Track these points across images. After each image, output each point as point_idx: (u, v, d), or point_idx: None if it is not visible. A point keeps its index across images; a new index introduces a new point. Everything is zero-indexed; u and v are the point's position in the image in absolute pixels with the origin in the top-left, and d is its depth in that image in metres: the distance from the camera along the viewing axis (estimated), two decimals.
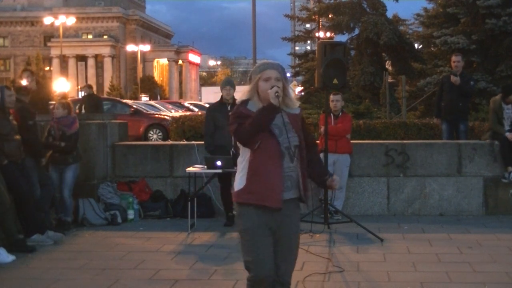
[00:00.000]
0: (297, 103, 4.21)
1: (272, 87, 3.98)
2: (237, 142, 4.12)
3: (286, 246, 4.12)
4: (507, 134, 9.41)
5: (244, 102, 4.10)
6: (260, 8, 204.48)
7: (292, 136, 4.06)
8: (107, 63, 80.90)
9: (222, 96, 8.88)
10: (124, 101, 26.18)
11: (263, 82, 4.05)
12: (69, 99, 14.48)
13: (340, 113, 9.33)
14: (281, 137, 4.02)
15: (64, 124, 8.69)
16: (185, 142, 10.72)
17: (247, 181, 4.03)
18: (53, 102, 11.96)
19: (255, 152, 4.01)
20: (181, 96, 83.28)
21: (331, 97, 9.32)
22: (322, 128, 8.80)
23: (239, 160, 4.13)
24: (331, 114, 9.22)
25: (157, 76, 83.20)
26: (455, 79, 10.44)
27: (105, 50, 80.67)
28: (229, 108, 8.75)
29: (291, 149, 4.05)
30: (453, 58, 10.84)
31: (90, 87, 16.95)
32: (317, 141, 8.94)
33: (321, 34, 28.58)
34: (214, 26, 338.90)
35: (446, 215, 9.52)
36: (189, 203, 8.57)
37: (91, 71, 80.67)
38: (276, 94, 3.93)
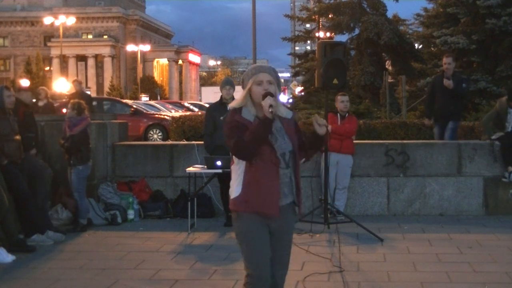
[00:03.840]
0: (284, 109, 4.11)
1: (265, 95, 3.92)
2: (236, 157, 4.04)
3: (282, 250, 4.15)
4: (494, 137, 9.49)
5: (238, 110, 4.05)
6: (264, 8, 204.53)
7: (286, 142, 4.04)
8: (107, 63, 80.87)
9: (222, 96, 8.88)
10: (124, 101, 26.15)
11: (255, 86, 4.01)
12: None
13: (347, 114, 9.36)
14: (276, 144, 3.99)
15: (68, 125, 8.70)
16: (185, 142, 10.72)
17: (243, 189, 4.00)
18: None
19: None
20: (181, 97, 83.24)
21: (340, 98, 9.32)
22: (331, 127, 8.85)
23: (234, 167, 4.08)
24: (338, 114, 9.27)
25: (157, 76, 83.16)
26: (448, 82, 10.16)
27: (105, 50, 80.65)
28: (229, 108, 8.75)
29: (285, 155, 4.03)
30: (444, 59, 10.54)
31: (80, 83, 16.09)
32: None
33: (321, 34, 28.55)
34: (218, 26, 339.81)
35: (446, 215, 9.52)
36: (189, 203, 8.57)
37: (91, 71, 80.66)
38: (270, 109, 3.86)
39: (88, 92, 29.43)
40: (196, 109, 29.99)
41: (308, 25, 32.38)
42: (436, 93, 10.48)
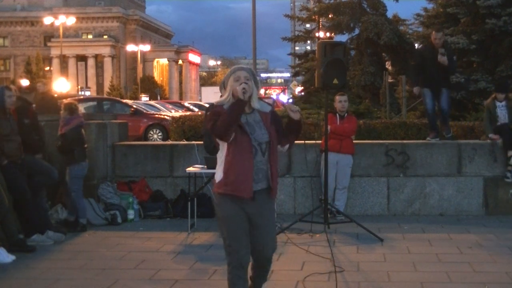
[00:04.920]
0: (259, 104, 4.62)
1: (241, 84, 4.47)
2: (215, 137, 4.61)
3: (263, 230, 4.61)
4: (491, 136, 9.49)
5: (220, 105, 4.62)
6: (265, 8, 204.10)
7: (263, 133, 4.55)
8: (107, 63, 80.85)
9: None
10: (124, 101, 26.13)
11: (234, 82, 4.56)
12: None
13: (346, 114, 9.37)
14: (253, 135, 4.52)
15: (61, 125, 8.75)
16: (185, 142, 10.72)
17: (223, 174, 4.54)
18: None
19: (230, 148, 4.52)
20: (181, 96, 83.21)
21: (338, 97, 9.35)
22: (330, 127, 8.85)
23: (219, 154, 4.65)
24: (337, 114, 9.29)
25: (157, 76, 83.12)
26: (443, 59, 9.53)
27: (105, 50, 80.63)
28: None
29: (262, 145, 4.54)
30: (434, 34, 9.80)
31: (44, 84, 15.53)
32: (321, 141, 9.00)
33: (321, 34, 28.55)
34: (219, 26, 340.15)
35: (446, 215, 9.53)
36: (189, 203, 8.57)
37: (91, 71, 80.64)
38: (243, 90, 4.43)
39: (89, 92, 29.36)
40: (196, 109, 29.99)
41: (308, 25, 32.36)
42: (424, 64, 9.89)
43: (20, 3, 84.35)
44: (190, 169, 8.75)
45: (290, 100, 34.54)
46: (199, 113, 21.17)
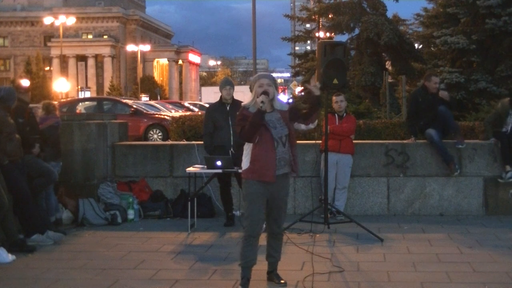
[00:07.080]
0: (279, 104, 5.72)
1: (261, 94, 5.48)
2: (243, 141, 5.71)
3: (277, 208, 5.76)
4: (492, 140, 9.46)
5: (247, 107, 5.59)
6: (267, 8, 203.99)
7: (283, 128, 5.65)
8: (107, 63, 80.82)
9: (221, 96, 8.88)
10: (124, 101, 26.14)
11: (258, 88, 5.60)
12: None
13: (345, 114, 9.38)
14: (275, 130, 5.61)
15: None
16: (185, 142, 10.72)
17: (251, 163, 5.61)
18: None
19: (255, 142, 5.55)
20: (181, 97, 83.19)
21: (334, 98, 9.36)
22: (329, 128, 8.85)
23: (245, 146, 5.70)
24: (336, 115, 9.29)
25: (157, 76, 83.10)
26: (445, 94, 9.46)
27: (105, 50, 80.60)
28: (228, 108, 8.75)
29: (282, 138, 5.63)
30: (433, 79, 9.49)
31: None
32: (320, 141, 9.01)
33: (321, 34, 28.57)
34: (221, 26, 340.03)
35: (446, 215, 9.53)
36: (189, 203, 8.57)
37: (91, 71, 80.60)
38: (261, 104, 5.42)
39: (89, 92, 29.41)
40: (196, 109, 29.98)
41: (308, 25, 32.38)
42: (422, 109, 9.51)
43: (20, 3, 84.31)
44: (190, 169, 8.75)
45: (290, 100, 34.50)
46: (199, 113, 21.22)
